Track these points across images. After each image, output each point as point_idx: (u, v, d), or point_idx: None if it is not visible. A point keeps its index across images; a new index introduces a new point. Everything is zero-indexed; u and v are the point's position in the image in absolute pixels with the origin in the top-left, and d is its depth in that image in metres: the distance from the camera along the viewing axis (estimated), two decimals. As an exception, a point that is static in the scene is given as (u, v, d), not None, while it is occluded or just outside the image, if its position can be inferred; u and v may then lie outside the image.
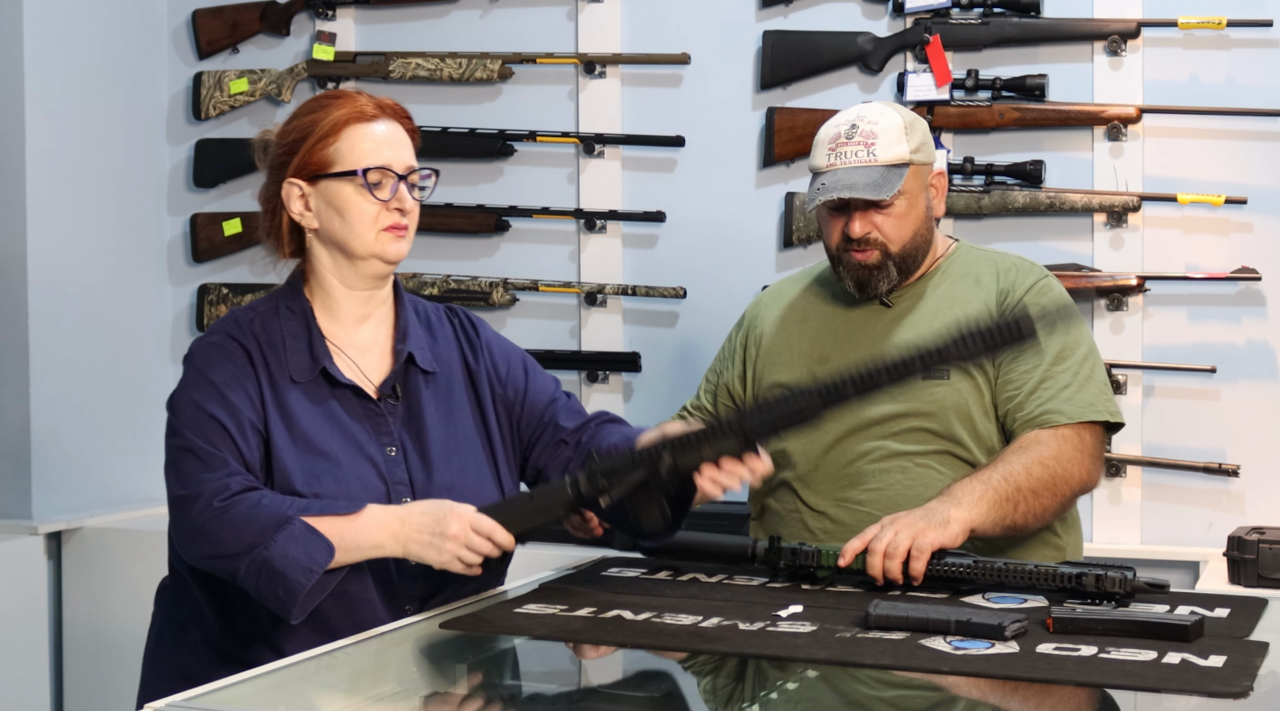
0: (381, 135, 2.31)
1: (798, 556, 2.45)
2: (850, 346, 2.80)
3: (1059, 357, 2.72)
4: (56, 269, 3.97)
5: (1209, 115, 3.57)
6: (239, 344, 2.30)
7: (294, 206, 2.32)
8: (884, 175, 2.72)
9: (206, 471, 2.20)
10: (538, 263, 4.05)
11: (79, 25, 4.04)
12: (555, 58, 3.99)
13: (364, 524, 2.21)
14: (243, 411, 2.25)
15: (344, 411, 2.32)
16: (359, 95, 2.35)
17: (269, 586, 2.16)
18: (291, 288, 2.38)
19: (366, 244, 2.31)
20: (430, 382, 2.40)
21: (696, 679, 2.13)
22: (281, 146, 2.33)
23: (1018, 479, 2.58)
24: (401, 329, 2.40)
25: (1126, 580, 2.25)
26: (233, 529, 2.16)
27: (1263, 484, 3.57)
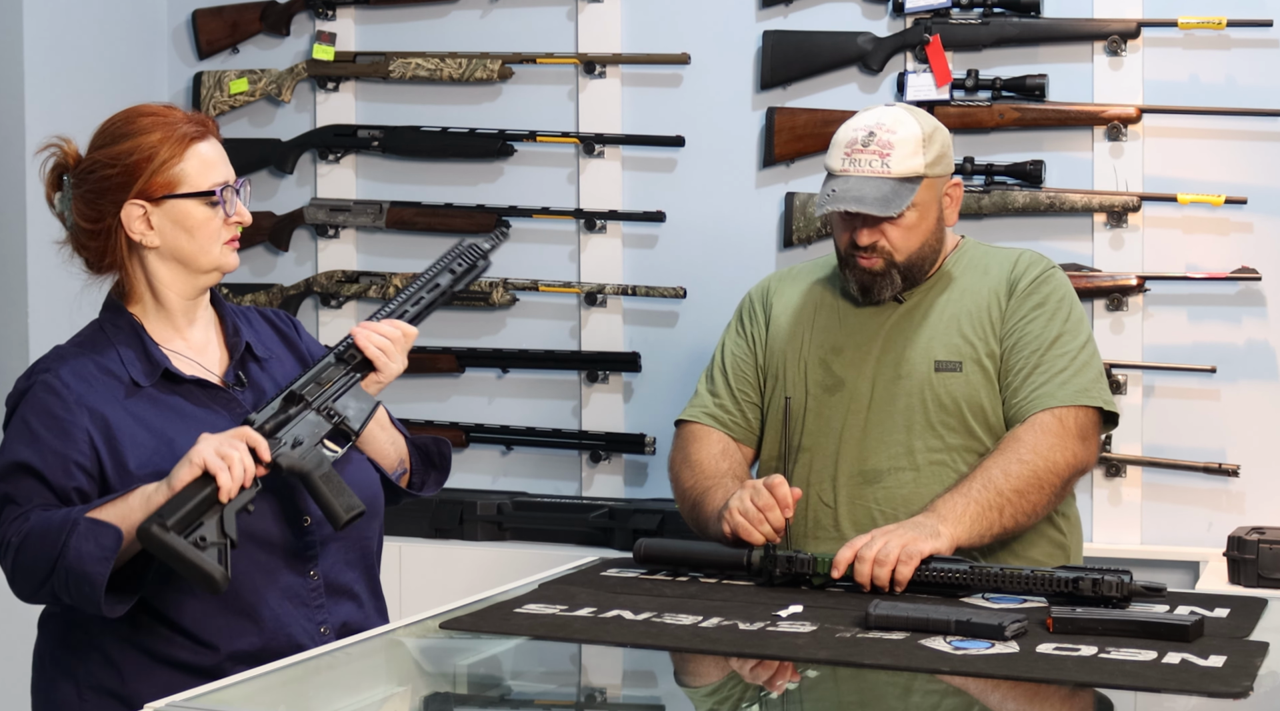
0: (213, 154, 2.39)
1: (793, 564, 2.45)
2: (863, 339, 2.81)
3: (1055, 344, 2.73)
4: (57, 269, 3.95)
5: (1209, 115, 3.57)
6: (57, 376, 2.30)
7: (135, 227, 2.34)
8: (895, 190, 2.71)
9: (13, 511, 2.23)
10: (538, 263, 4.05)
11: (79, 25, 4.04)
12: (555, 58, 3.99)
13: (135, 494, 2.20)
14: (51, 446, 2.25)
15: (195, 405, 2.36)
16: (173, 111, 2.38)
17: (77, 589, 2.16)
18: (110, 307, 2.41)
19: (212, 258, 2.37)
20: (267, 368, 2.46)
21: (696, 679, 2.13)
22: (118, 167, 2.33)
23: (998, 484, 2.58)
24: (231, 324, 2.46)
25: (1123, 584, 2.25)
26: (33, 553, 2.18)
27: (1263, 484, 3.57)
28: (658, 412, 3.95)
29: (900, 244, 2.75)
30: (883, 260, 2.75)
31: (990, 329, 2.77)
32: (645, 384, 3.99)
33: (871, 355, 2.79)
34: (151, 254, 2.36)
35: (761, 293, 2.97)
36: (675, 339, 3.97)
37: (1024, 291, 2.78)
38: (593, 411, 3.99)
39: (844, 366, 2.80)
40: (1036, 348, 2.73)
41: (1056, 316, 2.76)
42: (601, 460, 3.97)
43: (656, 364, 3.97)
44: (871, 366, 2.78)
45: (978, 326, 2.77)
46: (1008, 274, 2.81)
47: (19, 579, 2.23)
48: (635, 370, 3.96)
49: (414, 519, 3.88)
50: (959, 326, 2.77)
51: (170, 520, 2.10)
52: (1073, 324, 2.77)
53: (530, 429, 4.03)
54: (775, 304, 2.92)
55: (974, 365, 2.74)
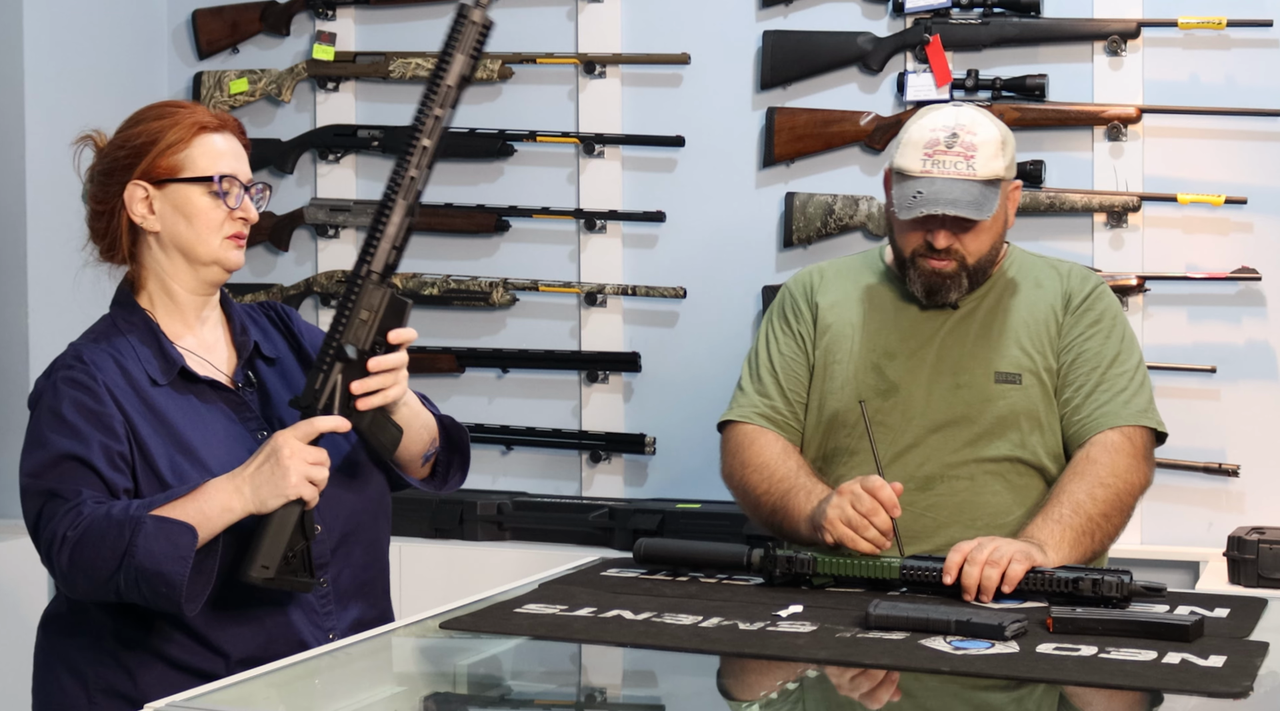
0: (226, 147, 2.37)
1: (793, 564, 2.44)
2: (917, 344, 2.76)
3: (1115, 362, 2.72)
4: (57, 269, 3.97)
5: (1209, 115, 3.57)
6: (85, 370, 2.30)
7: (137, 208, 2.34)
8: (983, 193, 2.67)
9: (59, 508, 2.21)
10: (538, 263, 4.05)
11: (79, 25, 4.04)
12: (555, 58, 3.99)
13: (207, 493, 2.20)
14: (96, 437, 2.24)
15: (208, 406, 2.35)
16: (199, 106, 2.40)
17: (151, 589, 2.15)
18: (121, 302, 2.40)
19: (211, 250, 2.35)
20: (273, 369, 2.45)
21: (696, 679, 2.13)
22: (126, 149, 2.34)
23: (1087, 508, 2.55)
24: (238, 324, 2.45)
25: (1123, 584, 2.24)
26: (93, 550, 2.16)
27: (1263, 484, 3.57)
28: (658, 413, 3.95)
29: (974, 247, 2.71)
30: (955, 262, 2.71)
31: (1049, 343, 2.74)
32: (645, 384, 3.99)
33: (926, 361, 2.75)
34: (153, 240, 2.35)
35: (804, 289, 2.89)
36: (675, 339, 3.97)
37: (1079, 308, 2.76)
38: (593, 411, 3.99)
39: (898, 371, 2.75)
40: (1096, 365, 2.71)
41: (1113, 334, 2.75)
42: (601, 460, 3.97)
43: (656, 364, 3.97)
44: (926, 373, 2.75)
45: (1036, 340, 2.74)
46: (1061, 288, 2.78)
47: (77, 575, 2.18)
48: (635, 370, 3.96)
49: (414, 519, 3.88)
50: (1018, 339, 2.74)
51: (274, 564, 2.20)
52: (1128, 342, 2.76)
53: (530, 429, 4.03)
54: (821, 301, 2.85)
55: (1033, 378, 2.72)
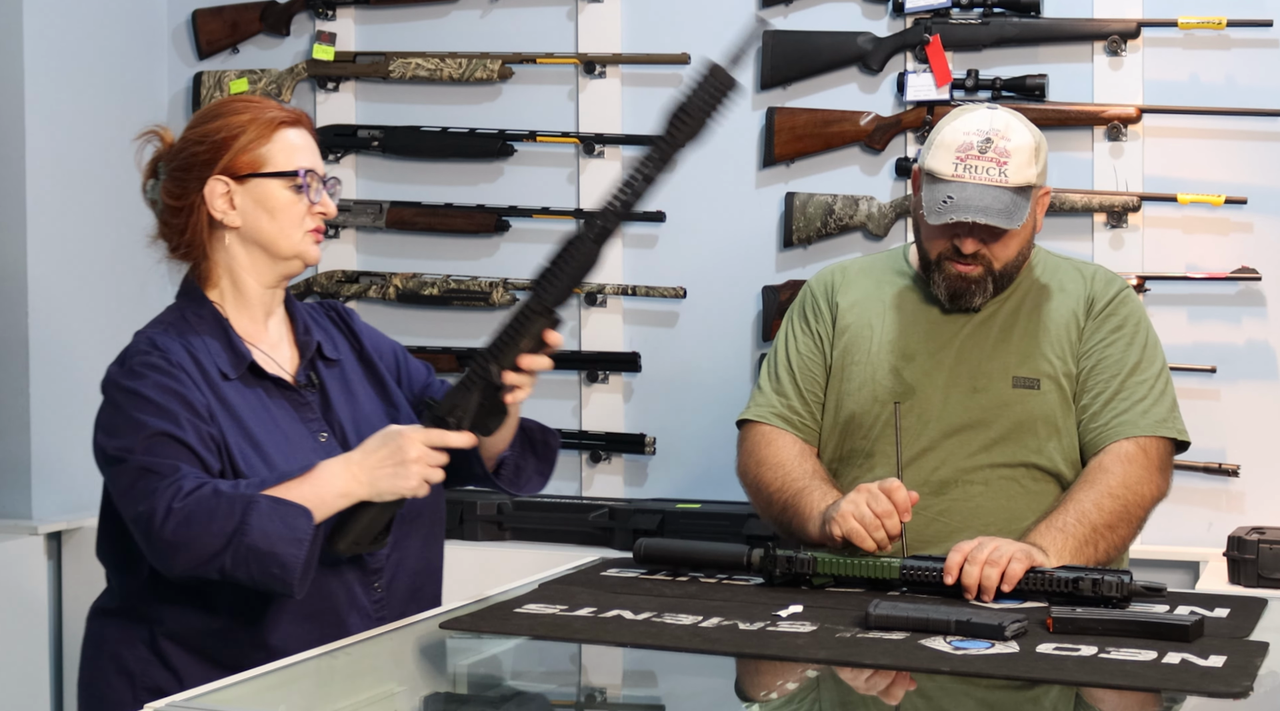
0: (303, 142, 2.38)
1: (793, 564, 2.44)
2: (935, 347, 2.74)
3: (1135, 370, 2.70)
4: (57, 269, 3.97)
5: (1209, 115, 3.57)
6: (162, 355, 2.29)
7: (217, 204, 2.34)
8: (1014, 201, 2.64)
9: (159, 480, 2.19)
10: (538, 263, 4.03)
11: (79, 25, 4.04)
12: (555, 58, 3.99)
13: (323, 478, 2.21)
14: (186, 417, 2.24)
15: (273, 403, 2.35)
16: (268, 101, 2.40)
17: (261, 569, 2.14)
18: (189, 294, 2.40)
19: (293, 243, 2.36)
20: (334, 370, 2.45)
21: (696, 679, 2.13)
22: (205, 144, 2.34)
23: (1091, 518, 2.54)
24: (301, 322, 2.44)
25: (1123, 584, 2.25)
26: (201, 526, 2.15)
27: (1263, 484, 3.57)
28: (658, 413, 3.95)
29: (1002, 254, 2.69)
30: (982, 267, 2.69)
31: (1069, 349, 2.72)
32: (645, 384, 3.99)
33: (944, 365, 2.74)
34: (232, 235, 2.35)
35: (825, 288, 2.88)
36: (675, 339, 3.97)
37: (1102, 313, 2.74)
38: (593, 411, 3.99)
39: (915, 374, 2.74)
40: (1116, 373, 2.70)
41: (1135, 341, 2.73)
42: (601, 460, 3.97)
43: (656, 364, 3.97)
44: (944, 376, 2.73)
45: (1057, 346, 2.72)
46: (1084, 292, 2.76)
47: (180, 551, 2.16)
48: (635, 370, 3.96)
49: (414, 519, 3.87)
50: (1038, 344, 2.73)
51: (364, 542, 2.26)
52: (1150, 349, 2.74)
53: (530, 429, 4.02)
54: (841, 301, 2.84)
55: (1052, 384, 2.70)
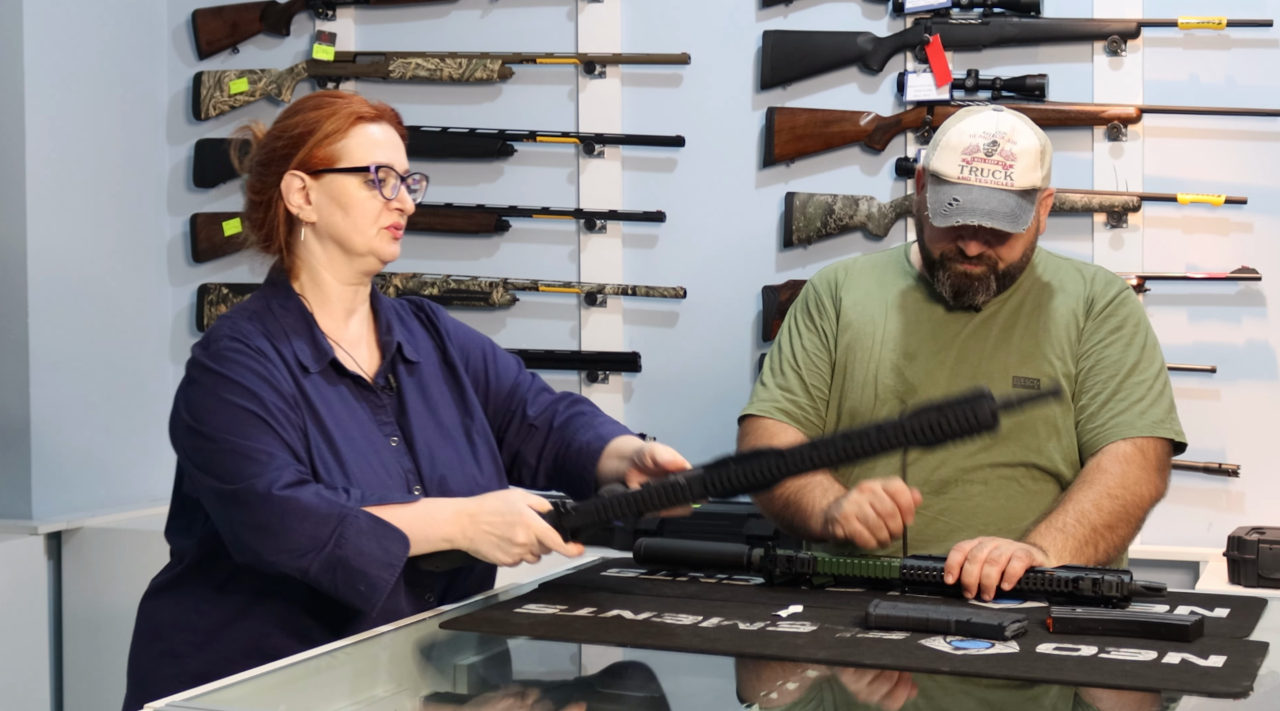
0: (383, 137, 2.37)
1: (793, 563, 2.44)
2: (937, 346, 2.75)
3: (1134, 371, 2.71)
4: (56, 268, 3.97)
5: (1209, 115, 3.57)
6: (251, 340, 2.29)
7: (294, 199, 2.34)
8: (1019, 205, 2.65)
9: (253, 464, 2.18)
10: (538, 263, 4.05)
11: (79, 25, 4.04)
12: (555, 58, 3.99)
13: (433, 516, 2.22)
14: (275, 403, 2.23)
15: (351, 402, 2.34)
16: (355, 97, 2.40)
17: (347, 583, 2.15)
18: (276, 286, 2.38)
19: (367, 240, 2.34)
20: (414, 373, 2.44)
21: (696, 679, 2.13)
22: (284, 139, 2.35)
23: (1091, 519, 2.55)
24: (384, 322, 2.43)
25: (1123, 583, 2.25)
26: (296, 522, 2.14)
27: (1263, 484, 3.57)
28: (658, 412, 3.95)
29: (1006, 254, 2.70)
30: (985, 267, 2.70)
31: (1068, 349, 2.73)
32: (645, 384, 3.99)
33: (945, 364, 2.75)
34: (309, 230, 2.35)
35: (829, 285, 2.89)
36: (675, 339, 3.97)
37: (1101, 313, 2.74)
38: (593, 411, 3.99)
39: (916, 373, 2.75)
40: (1114, 374, 2.70)
41: (1134, 342, 2.73)
42: (601, 460, 3.97)
43: (656, 364, 3.97)
44: (945, 375, 2.74)
45: (1057, 346, 2.73)
46: (1084, 292, 2.76)
47: (269, 538, 2.15)
48: (635, 370, 3.96)
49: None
50: (1038, 344, 2.73)
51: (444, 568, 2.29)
52: (1149, 350, 2.74)
53: (530, 429, 4.03)
54: (845, 298, 2.85)
55: (1051, 384, 2.71)
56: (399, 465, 2.34)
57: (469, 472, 2.42)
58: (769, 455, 2.19)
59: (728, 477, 2.21)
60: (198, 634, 2.31)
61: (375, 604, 2.18)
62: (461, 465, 2.42)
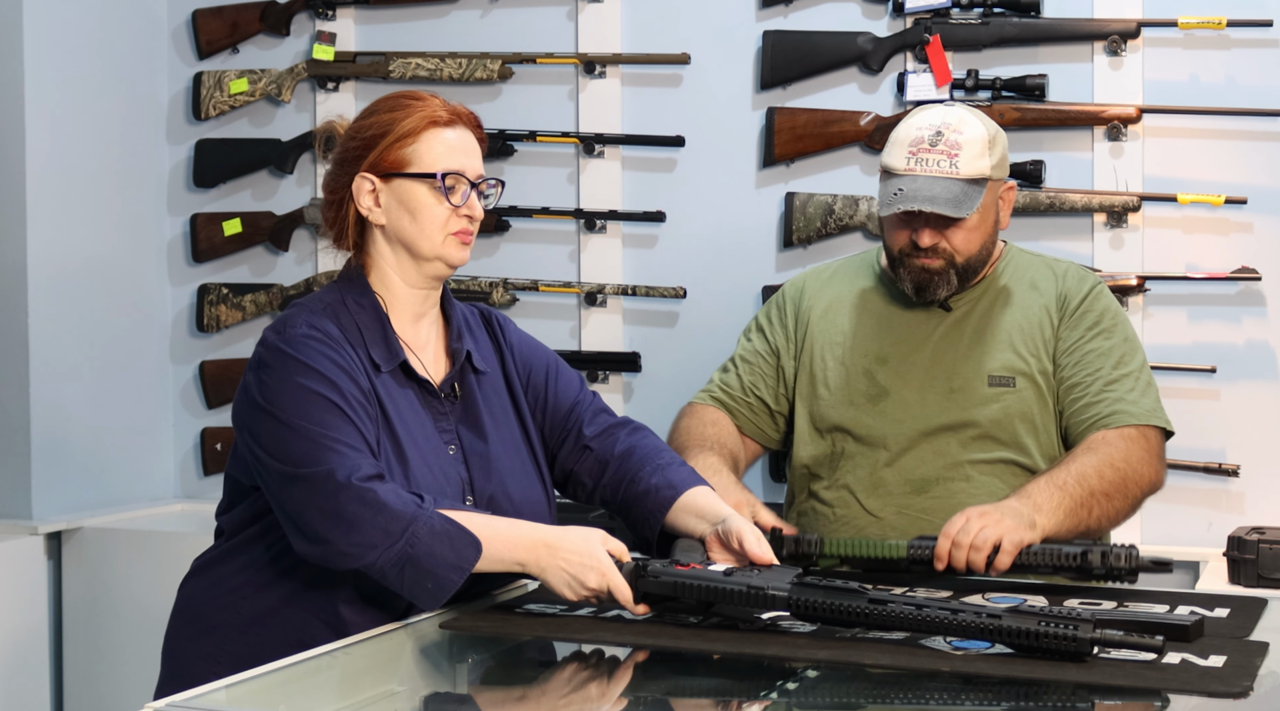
0: (456, 141, 2.35)
1: (800, 544, 2.45)
2: (909, 349, 2.77)
3: (1121, 362, 2.72)
4: (56, 269, 3.97)
5: (1209, 115, 3.57)
6: (327, 331, 2.28)
7: (364, 201, 2.34)
8: (964, 191, 2.67)
9: (328, 450, 2.16)
10: (538, 263, 4.05)
11: (79, 25, 4.04)
12: (555, 58, 3.99)
13: (512, 536, 2.20)
14: (353, 393, 2.23)
15: (417, 406, 2.34)
16: (434, 98, 2.39)
17: (415, 582, 2.15)
18: (353, 281, 2.37)
19: (434, 246, 2.34)
20: (481, 383, 2.43)
21: (696, 679, 2.13)
22: (357, 140, 2.35)
23: (1091, 482, 2.56)
24: (456, 328, 2.42)
25: (1132, 556, 2.27)
26: (371, 513, 2.13)
27: (1263, 484, 3.57)
28: (658, 413, 3.94)
29: (962, 246, 2.71)
30: (943, 260, 2.72)
31: (1042, 346, 2.74)
32: (645, 384, 3.99)
33: (919, 366, 2.76)
34: (379, 233, 2.35)
35: (795, 292, 2.92)
36: (675, 339, 3.97)
37: (1077, 311, 2.76)
38: (593, 411, 3.99)
39: (889, 376, 2.76)
40: (1101, 366, 2.72)
41: (1115, 334, 2.75)
42: (601, 460, 3.97)
43: (656, 364, 3.97)
44: (920, 377, 2.75)
45: (1030, 343, 2.74)
46: (1056, 290, 2.78)
47: (341, 526, 2.13)
48: (635, 370, 3.96)
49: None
50: (1011, 342, 2.74)
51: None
52: (1131, 342, 2.77)
53: (530, 429, 4.03)
54: (814, 306, 2.87)
55: (1027, 380, 2.72)
56: (456, 474, 2.34)
57: (522, 489, 2.41)
58: (859, 597, 2.08)
59: (812, 606, 2.11)
60: (240, 617, 2.30)
61: (440, 602, 2.18)
62: (516, 481, 2.41)
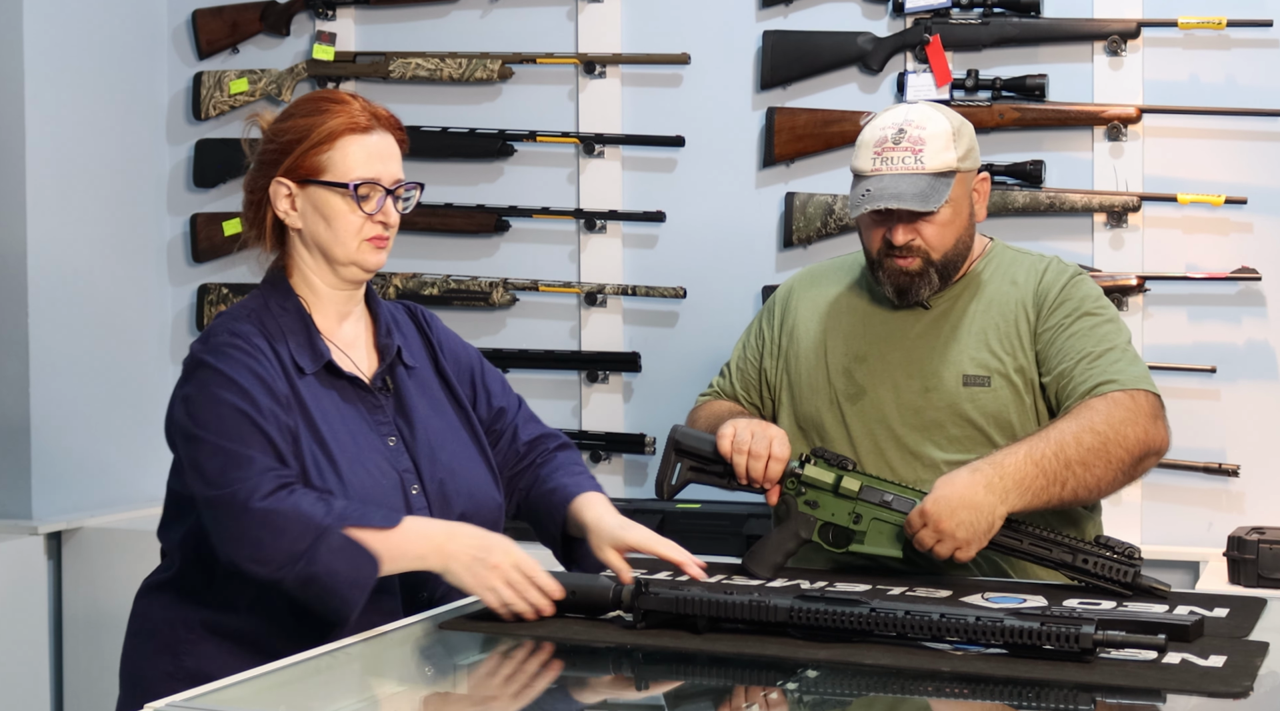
0: (374, 147, 2.35)
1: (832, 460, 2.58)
2: (886, 347, 2.76)
3: (1104, 338, 2.70)
4: (57, 269, 3.97)
5: (1209, 115, 3.57)
6: (250, 339, 2.29)
7: (280, 205, 2.35)
8: (931, 185, 2.66)
9: (236, 469, 2.19)
10: (538, 263, 4.05)
11: (79, 25, 4.04)
12: (555, 58, 3.99)
13: (406, 536, 2.22)
14: (267, 403, 2.24)
15: (346, 404, 2.34)
16: (354, 101, 2.37)
17: (319, 599, 2.17)
18: (275, 285, 2.39)
19: (348, 252, 2.35)
20: (412, 376, 2.44)
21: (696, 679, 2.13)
22: (275, 143, 2.35)
23: (1068, 453, 2.53)
24: (384, 325, 2.44)
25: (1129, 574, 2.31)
26: (272, 535, 2.15)
27: (1263, 484, 3.57)
28: (658, 412, 3.95)
29: (936, 241, 2.70)
30: (920, 259, 2.70)
31: (1019, 342, 2.72)
32: (645, 384, 3.99)
33: (895, 364, 2.75)
34: (296, 236, 2.36)
35: (784, 295, 2.93)
36: (675, 339, 3.97)
37: (1054, 303, 2.73)
38: (593, 411, 3.99)
39: (866, 375, 2.76)
40: (1085, 342, 2.68)
41: (1097, 316, 2.72)
42: (601, 460, 3.97)
43: (656, 364, 3.97)
44: (894, 376, 2.75)
45: (1005, 341, 2.73)
46: (1035, 285, 2.76)
47: (246, 547, 2.16)
48: (635, 370, 3.96)
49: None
50: (986, 340, 2.73)
51: None
52: (1114, 323, 2.72)
53: (530, 429, 4.02)
54: (800, 309, 2.87)
55: (1002, 380, 2.71)
56: (394, 465, 2.35)
57: (470, 473, 2.43)
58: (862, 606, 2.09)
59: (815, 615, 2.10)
60: (194, 630, 2.31)
61: (348, 618, 2.19)
62: (463, 465, 2.42)
